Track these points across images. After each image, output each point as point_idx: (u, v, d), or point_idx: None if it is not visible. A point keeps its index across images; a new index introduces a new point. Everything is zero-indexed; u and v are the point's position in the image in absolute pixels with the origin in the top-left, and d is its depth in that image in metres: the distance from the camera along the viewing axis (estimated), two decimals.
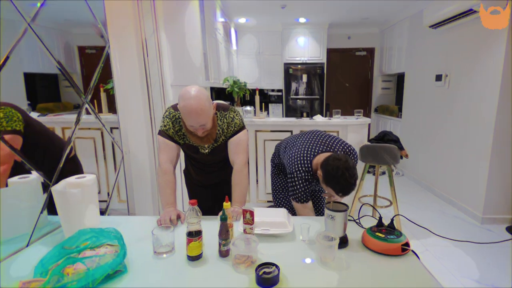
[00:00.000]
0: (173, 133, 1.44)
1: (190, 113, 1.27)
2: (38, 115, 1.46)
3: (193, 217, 1.06)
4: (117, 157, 1.98)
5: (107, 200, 1.90)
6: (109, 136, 1.92)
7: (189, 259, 1.06)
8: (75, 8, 1.77)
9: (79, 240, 0.99)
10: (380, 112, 5.77)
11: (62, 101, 1.67)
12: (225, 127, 1.46)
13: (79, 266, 0.87)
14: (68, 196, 1.08)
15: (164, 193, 1.41)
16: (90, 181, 1.16)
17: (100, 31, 1.84)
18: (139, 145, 2.09)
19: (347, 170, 1.33)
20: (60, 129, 1.63)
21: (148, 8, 2.11)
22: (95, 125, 1.79)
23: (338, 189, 1.36)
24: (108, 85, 1.95)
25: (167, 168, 1.42)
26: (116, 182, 1.98)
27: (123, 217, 1.44)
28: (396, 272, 1.00)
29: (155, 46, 2.16)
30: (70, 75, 1.58)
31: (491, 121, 2.88)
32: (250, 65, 5.82)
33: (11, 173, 1.16)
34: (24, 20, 1.26)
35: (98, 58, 1.81)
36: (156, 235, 1.07)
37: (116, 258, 0.92)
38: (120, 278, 0.93)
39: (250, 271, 0.99)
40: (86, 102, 1.65)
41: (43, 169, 1.27)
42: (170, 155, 1.44)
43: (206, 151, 1.50)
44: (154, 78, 2.18)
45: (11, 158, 1.14)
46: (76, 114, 1.57)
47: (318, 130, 1.75)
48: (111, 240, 1.01)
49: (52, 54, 1.45)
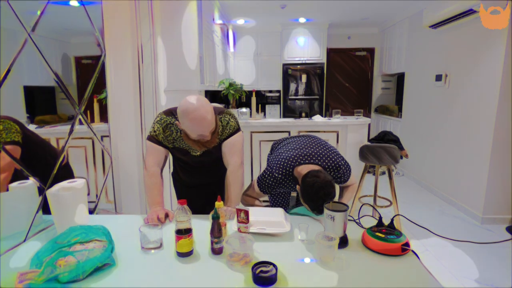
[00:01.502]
0: (163, 138, 1.44)
1: (201, 123, 1.27)
2: (36, 127, 1.57)
3: (182, 216, 1.07)
4: (106, 162, 2.06)
5: (96, 201, 1.99)
6: (100, 143, 2.00)
7: (179, 255, 1.07)
8: (74, 16, 1.81)
9: (70, 235, 1.08)
10: (380, 112, 5.77)
11: (58, 113, 1.74)
12: (220, 130, 1.46)
13: (70, 259, 0.95)
14: (60, 198, 1.20)
15: (151, 194, 1.42)
16: (80, 184, 1.29)
17: (97, 39, 1.88)
18: (128, 150, 2.15)
19: (322, 189, 1.31)
20: (55, 139, 1.72)
21: (146, 11, 2.12)
22: (87, 134, 1.87)
23: (312, 207, 1.35)
24: (101, 95, 2.00)
25: (154, 171, 1.44)
26: (105, 185, 2.06)
27: (111, 216, 1.52)
28: (396, 272, 1.00)
29: (151, 52, 2.19)
30: (66, 87, 1.64)
31: (491, 121, 2.88)
32: (247, 67, 5.80)
33: (11, 179, 1.27)
34: (24, 30, 1.28)
35: (93, 68, 1.87)
36: (144, 232, 1.10)
37: (104, 252, 0.99)
38: (109, 270, 0.99)
39: (246, 269, 0.99)
40: (80, 113, 1.72)
41: (39, 175, 1.37)
42: (157, 159, 1.45)
43: (198, 153, 1.50)
44: (147, 84, 2.21)
45: (11, 167, 1.25)
46: (69, 125, 1.66)
47: (315, 137, 1.73)
48: (99, 236, 1.09)
49: (50, 66, 1.49)
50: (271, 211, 1.39)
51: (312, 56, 5.57)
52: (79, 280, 0.91)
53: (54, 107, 1.72)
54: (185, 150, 1.49)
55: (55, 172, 1.46)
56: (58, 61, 1.68)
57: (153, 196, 1.41)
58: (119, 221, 1.43)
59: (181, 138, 1.45)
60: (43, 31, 1.40)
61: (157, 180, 1.44)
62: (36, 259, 0.97)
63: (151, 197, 1.41)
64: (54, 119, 1.70)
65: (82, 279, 0.92)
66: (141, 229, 1.10)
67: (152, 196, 1.41)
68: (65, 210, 1.21)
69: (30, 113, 1.49)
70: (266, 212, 1.38)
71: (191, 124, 1.29)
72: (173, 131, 1.44)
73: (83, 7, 1.75)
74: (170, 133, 1.44)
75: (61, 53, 1.73)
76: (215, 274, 0.98)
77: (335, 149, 1.63)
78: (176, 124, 1.38)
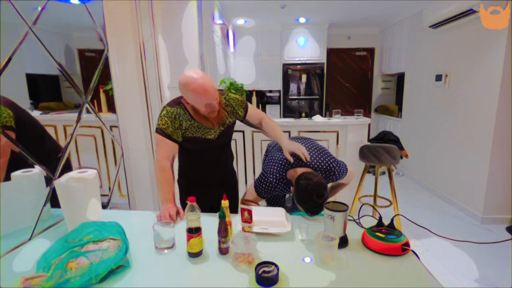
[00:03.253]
0: (172, 131, 1.44)
1: (205, 90, 1.31)
2: (40, 113, 1.53)
3: (192, 214, 1.06)
4: (117, 153, 2.04)
5: (109, 195, 1.95)
6: (109, 134, 1.96)
7: (190, 256, 1.06)
8: (75, 12, 1.82)
9: (82, 233, 0.98)
10: (380, 112, 5.77)
11: (63, 101, 1.73)
12: (234, 105, 1.56)
13: (82, 261, 0.85)
14: (70, 189, 1.10)
15: (163, 189, 1.42)
16: (92, 175, 1.19)
17: (99, 34, 1.88)
18: (137, 143, 2.15)
19: (315, 191, 1.32)
20: (62, 126, 1.69)
21: (146, 11, 2.13)
22: (95, 123, 1.85)
23: (306, 208, 1.36)
24: (107, 86, 1.99)
25: (164, 165, 1.44)
26: (117, 178, 2.03)
27: (125, 212, 1.47)
28: (396, 272, 1.00)
29: (153, 50, 2.20)
30: (71, 76, 1.62)
31: (491, 121, 2.88)
32: (247, 67, 5.80)
33: (13, 167, 1.20)
34: (25, 24, 1.28)
35: (97, 61, 1.86)
36: (157, 230, 1.08)
37: (119, 253, 0.91)
38: (123, 273, 0.92)
39: (250, 269, 0.99)
40: (87, 102, 1.70)
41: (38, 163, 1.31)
42: (167, 152, 1.46)
43: (213, 135, 1.52)
44: (151, 80, 2.22)
45: (6, 152, 1.18)
46: (77, 112, 1.63)
47: (307, 139, 1.75)
48: (113, 234, 1.01)
49: (52, 56, 1.48)
50: (273, 211, 1.39)
51: (312, 56, 5.57)
52: (91, 285, 0.83)
53: (59, 95, 1.72)
54: (199, 137, 1.49)
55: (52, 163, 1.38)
56: (61, 52, 1.68)
57: (165, 192, 1.41)
58: (133, 217, 1.40)
59: (192, 126, 1.46)
60: (45, 25, 1.41)
61: (168, 174, 1.44)
62: (44, 261, 0.86)
63: (163, 192, 1.42)
64: (59, 106, 1.68)
65: (95, 283, 0.83)
66: (155, 227, 1.07)
67: (164, 192, 1.42)
68: (76, 203, 1.12)
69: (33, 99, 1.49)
70: (268, 211, 1.38)
71: (194, 94, 1.32)
72: (182, 121, 1.44)
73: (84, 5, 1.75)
74: (180, 123, 1.44)
75: (64, 45, 1.73)
76: (222, 275, 0.98)
77: (327, 151, 1.65)
78: (182, 104, 1.42)
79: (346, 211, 1.14)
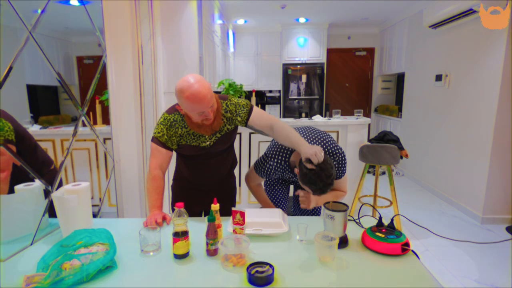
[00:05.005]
0: (166, 139, 1.43)
1: (197, 98, 1.25)
2: (40, 128, 1.59)
3: (179, 219, 1.08)
4: (109, 166, 2.07)
5: (99, 205, 2.01)
6: (102, 147, 2.02)
7: (176, 257, 1.08)
8: (74, 15, 1.82)
9: (75, 239, 1.11)
10: (380, 112, 5.77)
11: (61, 114, 1.76)
12: (234, 110, 1.45)
13: (75, 262, 0.98)
14: (65, 201, 1.22)
15: (151, 197, 1.42)
16: (85, 188, 1.30)
17: (98, 39, 1.89)
18: (129, 152, 2.17)
19: (323, 171, 1.29)
20: (59, 141, 1.74)
21: (146, 11, 2.12)
22: (90, 136, 1.89)
23: (314, 189, 1.34)
24: (103, 97, 2.00)
25: (156, 174, 1.43)
26: (107, 188, 2.08)
27: (113, 219, 1.53)
28: (396, 272, 1.00)
29: (151, 53, 2.20)
30: (69, 87, 1.64)
31: (491, 121, 2.88)
32: (247, 67, 5.81)
33: (16, 181, 1.28)
34: (25, 28, 1.28)
35: (95, 69, 1.88)
36: (143, 235, 1.13)
37: (107, 255, 1.02)
38: (110, 273, 1.01)
39: (240, 270, 0.99)
40: (83, 114, 1.73)
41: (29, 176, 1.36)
42: (160, 161, 1.45)
43: (207, 142, 1.47)
44: (147, 86, 2.22)
45: (9, 165, 1.24)
46: (73, 126, 1.67)
47: (311, 127, 1.71)
48: (102, 239, 1.12)
49: (52, 66, 1.49)
50: (269, 212, 1.38)
51: (312, 56, 5.57)
52: (83, 283, 0.95)
53: (57, 108, 1.74)
54: (194, 146, 1.47)
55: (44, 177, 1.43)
56: (60, 60, 1.69)
57: (153, 199, 1.42)
58: (121, 225, 1.45)
59: (188, 133, 1.43)
60: (44, 30, 1.40)
61: (158, 183, 1.43)
62: (43, 262, 1.00)
63: (151, 200, 1.42)
64: (57, 120, 1.71)
65: (86, 281, 0.95)
66: (141, 232, 1.13)
67: (152, 199, 1.42)
68: (70, 213, 1.24)
69: (33, 112, 1.50)
70: (263, 213, 1.37)
71: (187, 102, 1.26)
72: (177, 128, 1.42)
73: (84, 7, 1.75)
74: (175, 131, 1.43)
75: (63, 52, 1.73)
76: (211, 275, 0.99)
77: (333, 139, 1.62)
78: (179, 111, 1.39)
79: (346, 211, 1.14)
